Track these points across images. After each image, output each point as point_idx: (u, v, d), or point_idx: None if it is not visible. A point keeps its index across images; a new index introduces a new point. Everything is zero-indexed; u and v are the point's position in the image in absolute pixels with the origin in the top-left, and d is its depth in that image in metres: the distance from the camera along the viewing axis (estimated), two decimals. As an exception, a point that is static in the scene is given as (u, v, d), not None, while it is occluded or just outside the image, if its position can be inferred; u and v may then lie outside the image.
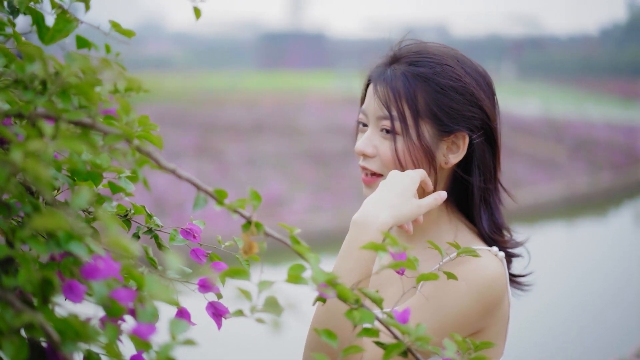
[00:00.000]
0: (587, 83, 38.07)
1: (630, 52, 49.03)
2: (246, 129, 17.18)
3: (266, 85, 30.55)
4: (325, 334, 1.12)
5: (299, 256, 1.13)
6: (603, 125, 21.01)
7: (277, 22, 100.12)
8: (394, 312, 1.13)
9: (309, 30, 64.58)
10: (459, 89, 1.70)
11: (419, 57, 1.73)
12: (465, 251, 1.41)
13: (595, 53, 53.91)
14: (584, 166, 16.08)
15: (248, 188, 1.16)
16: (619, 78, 40.30)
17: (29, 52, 0.94)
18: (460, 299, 1.58)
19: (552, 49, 56.83)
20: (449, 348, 1.14)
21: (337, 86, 28.68)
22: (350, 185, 13.21)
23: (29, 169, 0.82)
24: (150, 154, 1.07)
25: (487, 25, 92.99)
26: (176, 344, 0.94)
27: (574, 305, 8.38)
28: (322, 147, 15.82)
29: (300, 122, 18.28)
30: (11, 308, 0.88)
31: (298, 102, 21.93)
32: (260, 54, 56.66)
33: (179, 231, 1.36)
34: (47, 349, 0.93)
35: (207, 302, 1.26)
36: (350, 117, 18.57)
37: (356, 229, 1.55)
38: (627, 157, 17.19)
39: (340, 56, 55.47)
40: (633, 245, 11.98)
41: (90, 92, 0.97)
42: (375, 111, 1.73)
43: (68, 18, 1.14)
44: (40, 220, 0.82)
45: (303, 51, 55.70)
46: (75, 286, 0.98)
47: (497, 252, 1.68)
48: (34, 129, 0.91)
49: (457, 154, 1.73)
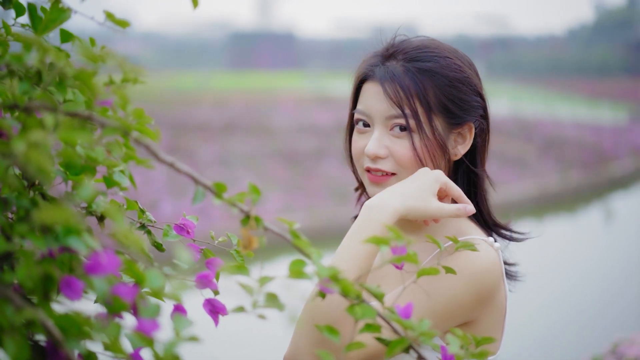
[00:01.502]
0: (555, 83, 38.42)
1: (597, 53, 49.58)
2: (217, 129, 17.11)
3: (236, 85, 30.48)
4: (328, 330, 1.10)
5: (292, 251, 1.11)
6: (571, 125, 21.23)
7: (246, 22, 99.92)
8: (396, 307, 1.12)
9: (278, 30, 64.59)
10: (463, 80, 1.71)
11: (419, 52, 1.71)
12: (464, 246, 1.39)
13: (563, 53, 54.47)
14: (554, 165, 16.22)
15: (247, 182, 1.14)
16: (586, 78, 40.77)
17: (27, 42, 0.91)
18: (452, 285, 1.56)
19: (520, 49, 57.26)
20: (453, 343, 1.12)
21: (308, 86, 28.70)
22: (323, 184, 13.20)
23: (32, 160, 0.80)
24: (149, 147, 1.04)
25: (455, 26, 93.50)
26: (180, 341, 0.92)
27: (544, 303, 8.43)
28: (295, 146, 15.78)
29: (271, 121, 18.25)
30: (11, 304, 0.85)
31: (269, 102, 21.91)
32: (230, 53, 56.56)
33: (172, 227, 1.33)
34: (47, 347, 0.89)
35: (204, 299, 1.23)
36: (322, 116, 18.60)
37: (368, 211, 1.56)
38: (596, 156, 17.36)
39: (310, 56, 55.54)
40: (603, 242, 12.09)
41: (90, 82, 0.94)
42: (384, 111, 1.70)
43: (61, 7, 1.11)
44: (47, 213, 0.79)
45: (272, 51, 55.67)
46: (73, 282, 0.95)
47: (492, 242, 1.67)
48: (33, 120, 0.88)
49: (464, 144, 1.74)
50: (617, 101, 31.50)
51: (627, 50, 50.34)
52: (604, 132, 20.69)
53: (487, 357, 1.15)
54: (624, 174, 17.21)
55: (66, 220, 0.81)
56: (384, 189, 1.67)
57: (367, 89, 1.75)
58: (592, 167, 16.65)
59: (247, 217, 1.12)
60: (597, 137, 19.47)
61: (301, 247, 1.11)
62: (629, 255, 11.10)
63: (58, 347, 0.87)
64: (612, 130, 21.47)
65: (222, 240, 1.38)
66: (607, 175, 16.67)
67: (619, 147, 18.69)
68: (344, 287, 1.07)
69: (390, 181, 1.70)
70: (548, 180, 15.19)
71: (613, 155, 17.83)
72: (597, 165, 16.81)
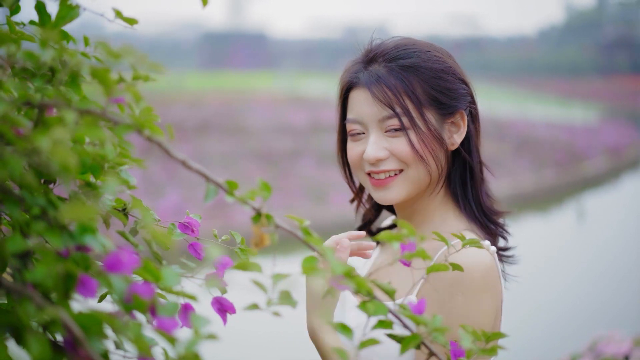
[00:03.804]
0: (526, 83, 38.71)
1: (568, 53, 49.98)
2: (192, 129, 17.03)
3: (209, 85, 30.38)
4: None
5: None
6: (544, 124, 21.40)
7: (218, 22, 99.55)
8: (409, 304, 1.12)
9: (250, 30, 64.47)
10: (446, 70, 1.74)
11: (398, 50, 1.73)
12: (462, 240, 1.39)
13: (534, 54, 54.88)
14: (528, 164, 16.32)
15: (257, 179, 1.14)
16: (557, 78, 41.07)
17: (45, 38, 0.90)
18: (468, 309, 1.59)
19: (491, 50, 57.62)
20: (465, 338, 1.13)
21: (281, 86, 28.67)
22: (300, 184, 13.19)
23: (57, 156, 0.79)
24: (161, 144, 1.03)
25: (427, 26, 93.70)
26: (200, 339, 0.91)
27: (519, 302, 8.47)
28: (270, 146, 15.76)
29: (246, 121, 18.20)
30: (32, 303, 0.84)
31: (243, 102, 21.86)
32: (202, 54, 56.37)
33: (177, 225, 1.32)
34: (66, 345, 0.89)
35: (212, 298, 1.22)
36: (297, 116, 18.59)
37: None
38: (569, 155, 17.50)
39: (283, 56, 55.47)
40: (576, 241, 12.19)
41: (107, 78, 0.93)
42: (376, 114, 1.71)
43: (70, 5, 1.10)
44: (72, 210, 0.78)
45: (245, 51, 55.56)
46: (88, 281, 0.94)
47: (489, 246, 1.68)
48: (54, 118, 0.87)
49: (459, 132, 1.76)
50: (588, 101, 31.81)
51: (597, 51, 50.85)
52: (576, 132, 20.87)
53: (496, 354, 1.16)
54: (597, 173, 17.37)
55: (89, 217, 0.80)
56: (389, 191, 1.70)
57: (355, 97, 1.75)
58: (565, 166, 16.78)
59: (259, 215, 1.12)
60: (570, 136, 19.63)
61: (314, 243, 1.10)
62: (602, 253, 11.20)
63: (79, 345, 0.86)
64: (584, 130, 21.66)
65: (226, 239, 1.38)
66: (580, 175, 16.81)
67: (592, 146, 18.85)
68: (358, 284, 1.07)
69: (397, 181, 1.70)
70: (522, 180, 15.29)
71: (586, 155, 17.98)
72: (570, 165, 16.94)
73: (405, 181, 1.71)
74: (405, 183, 1.71)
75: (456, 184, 1.77)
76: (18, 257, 0.89)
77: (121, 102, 1.04)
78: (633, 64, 46.77)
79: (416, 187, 1.72)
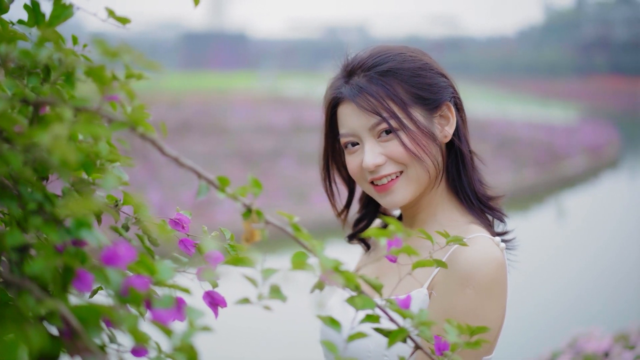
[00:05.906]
0: (506, 83, 38.90)
1: (547, 53, 50.24)
2: (172, 129, 16.99)
3: (189, 85, 30.30)
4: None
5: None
6: (524, 124, 21.52)
7: (198, 22, 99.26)
8: (396, 299, 1.14)
9: (230, 30, 64.34)
10: (423, 67, 1.78)
11: (374, 59, 1.78)
12: (455, 240, 1.41)
13: (513, 54, 55.11)
14: (507, 164, 16.40)
15: (249, 176, 1.16)
16: (536, 78, 41.27)
17: (44, 37, 0.92)
18: (477, 304, 1.62)
19: (471, 50, 57.85)
20: (450, 332, 1.15)
21: (262, 86, 28.64)
22: (281, 184, 13.20)
23: (57, 152, 0.81)
24: (155, 142, 1.06)
25: (407, 26, 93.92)
26: (195, 331, 0.94)
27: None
28: (251, 146, 15.76)
29: (227, 122, 18.18)
30: (32, 296, 0.86)
31: (223, 102, 21.83)
32: (182, 54, 56.20)
33: (168, 221, 1.34)
34: (65, 337, 0.90)
35: (203, 291, 1.24)
36: (278, 116, 18.60)
37: None
38: (548, 155, 17.60)
39: (263, 56, 55.39)
40: (556, 239, 12.28)
41: (102, 76, 0.95)
42: (365, 123, 1.75)
43: (64, 4, 1.12)
44: (73, 204, 0.81)
45: (225, 52, 55.44)
46: (84, 275, 0.96)
47: (499, 241, 1.72)
48: (52, 115, 0.89)
49: (450, 124, 1.80)
50: (567, 101, 32.02)
51: (576, 51, 51.17)
52: (555, 131, 21.00)
53: (481, 346, 1.18)
54: (576, 173, 17.49)
55: (90, 211, 0.82)
56: (395, 194, 1.74)
57: (343, 111, 1.80)
58: (545, 165, 16.88)
59: (249, 211, 1.14)
60: (549, 136, 19.75)
61: (303, 239, 1.13)
62: (581, 251, 11.29)
63: (76, 337, 0.88)
64: (563, 129, 21.80)
65: (215, 235, 1.40)
66: (560, 174, 16.92)
67: (571, 146, 18.98)
68: (347, 278, 1.09)
69: (399, 183, 1.74)
70: (502, 179, 15.37)
71: (565, 154, 18.10)
72: (549, 164, 17.05)
73: (407, 182, 1.75)
74: (407, 184, 1.75)
75: (454, 176, 1.81)
76: (17, 251, 0.91)
77: (114, 100, 1.06)
78: (611, 64, 47.15)
79: (418, 186, 1.76)
